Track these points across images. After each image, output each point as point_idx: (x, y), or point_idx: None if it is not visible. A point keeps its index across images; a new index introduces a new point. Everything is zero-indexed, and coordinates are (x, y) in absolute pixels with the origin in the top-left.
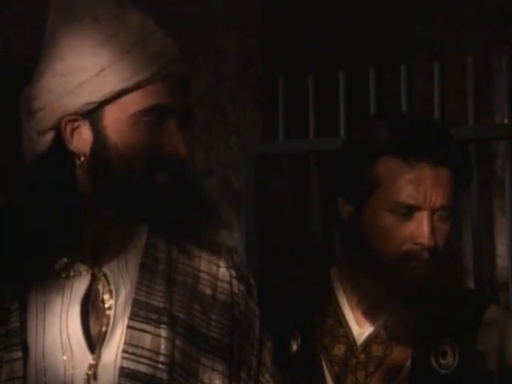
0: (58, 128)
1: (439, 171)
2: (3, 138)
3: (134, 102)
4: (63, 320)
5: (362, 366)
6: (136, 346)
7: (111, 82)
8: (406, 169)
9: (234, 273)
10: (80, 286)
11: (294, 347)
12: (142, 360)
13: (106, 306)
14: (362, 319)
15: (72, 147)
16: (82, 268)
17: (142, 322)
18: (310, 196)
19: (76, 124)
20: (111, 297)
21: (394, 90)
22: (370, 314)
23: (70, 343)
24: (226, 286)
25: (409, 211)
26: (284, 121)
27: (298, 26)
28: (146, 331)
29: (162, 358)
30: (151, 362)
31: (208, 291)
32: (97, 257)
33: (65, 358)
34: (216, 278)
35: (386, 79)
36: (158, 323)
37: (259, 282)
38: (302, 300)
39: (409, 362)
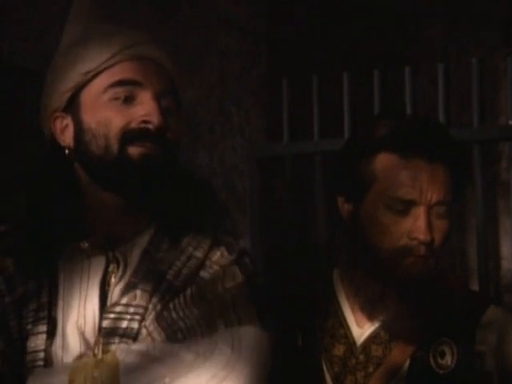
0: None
1: (435, 167)
2: (11, 138)
3: (103, 81)
4: (82, 299)
5: (361, 367)
6: (114, 306)
7: (77, 69)
8: (402, 164)
9: (225, 250)
10: (97, 268)
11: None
12: (122, 316)
13: (110, 289)
14: (362, 319)
15: (61, 142)
16: (98, 251)
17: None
18: (315, 197)
19: (64, 122)
20: (115, 281)
21: (399, 91)
22: (366, 309)
23: (84, 321)
24: (205, 246)
25: (405, 207)
26: (288, 122)
27: (302, 28)
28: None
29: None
30: (128, 316)
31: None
32: (110, 241)
33: (78, 334)
34: (200, 242)
35: (391, 80)
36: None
37: (262, 282)
38: (305, 301)
39: (407, 363)
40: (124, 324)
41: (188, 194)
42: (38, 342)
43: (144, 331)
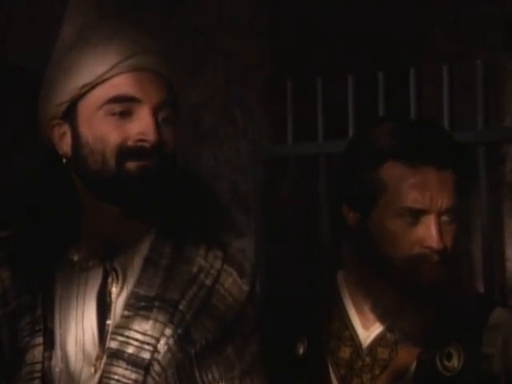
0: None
1: (444, 174)
2: (10, 139)
3: (100, 95)
4: (79, 312)
5: (367, 369)
6: (124, 328)
7: (73, 82)
8: (410, 173)
9: (224, 262)
10: (94, 280)
11: (301, 350)
12: (130, 341)
13: (112, 299)
14: (368, 322)
15: (59, 150)
16: (95, 262)
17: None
18: (319, 198)
19: (62, 130)
20: (116, 291)
21: (403, 92)
22: (375, 312)
23: (83, 334)
24: (214, 272)
25: (415, 215)
26: (292, 124)
27: (306, 29)
28: (138, 315)
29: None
30: (137, 343)
31: (202, 277)
32: (108, 252)
33: (77, 348)
34: (211, 266)
35: (395, 82)
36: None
37: (267, 284)
38: (309, 303)
39: (414, 365)
40: (130, 349)
41: (188, 197)
42: (35, 354)
43: (156, 366)
